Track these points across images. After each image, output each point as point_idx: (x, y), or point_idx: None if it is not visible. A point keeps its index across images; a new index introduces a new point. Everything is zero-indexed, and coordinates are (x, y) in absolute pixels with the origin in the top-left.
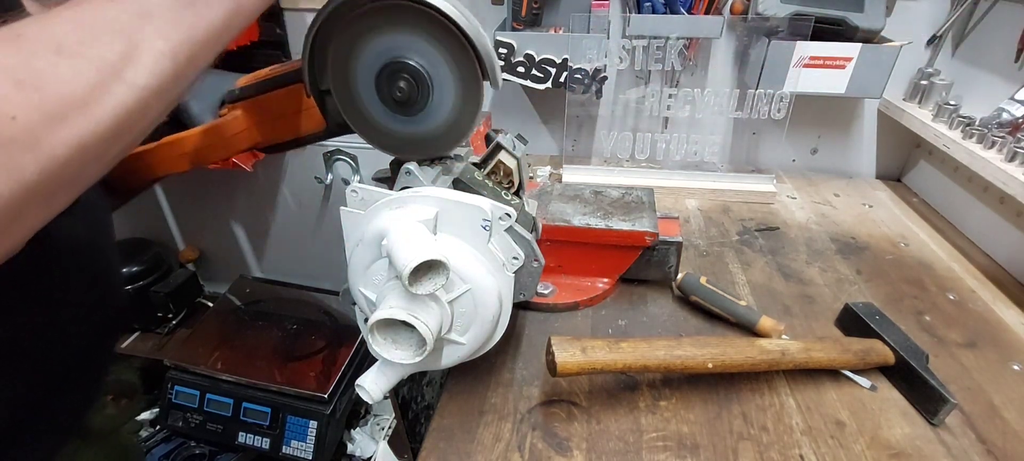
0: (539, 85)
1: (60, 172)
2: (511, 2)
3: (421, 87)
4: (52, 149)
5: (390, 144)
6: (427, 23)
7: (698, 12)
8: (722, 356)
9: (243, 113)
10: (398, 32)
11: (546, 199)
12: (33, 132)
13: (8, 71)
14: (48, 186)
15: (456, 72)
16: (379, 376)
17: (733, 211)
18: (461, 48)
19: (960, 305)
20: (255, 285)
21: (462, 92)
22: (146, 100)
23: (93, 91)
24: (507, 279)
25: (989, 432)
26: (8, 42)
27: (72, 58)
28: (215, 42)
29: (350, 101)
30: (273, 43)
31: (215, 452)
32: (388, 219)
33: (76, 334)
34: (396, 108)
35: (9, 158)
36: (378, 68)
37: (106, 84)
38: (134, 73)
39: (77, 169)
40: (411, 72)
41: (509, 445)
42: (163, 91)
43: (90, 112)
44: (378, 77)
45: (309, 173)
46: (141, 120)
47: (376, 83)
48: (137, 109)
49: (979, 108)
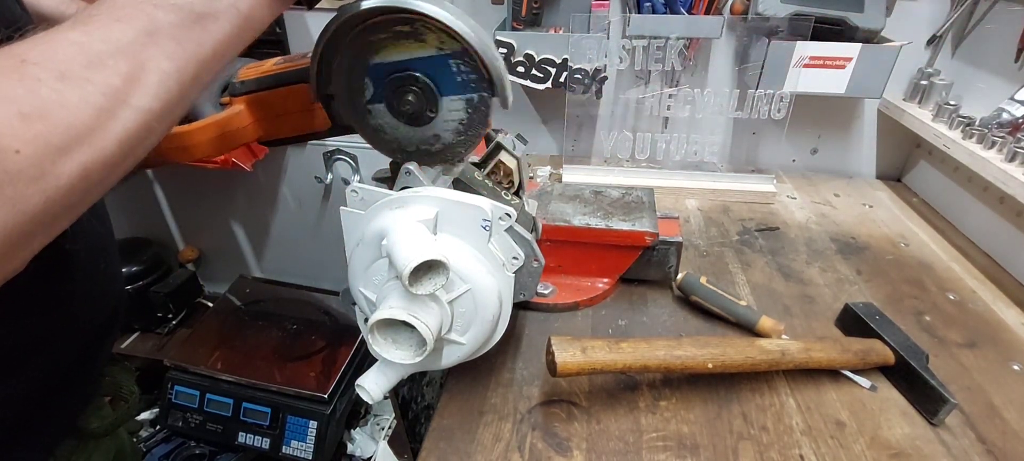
0: (539, 85)
1: (64, 200)
2: (511, 2)
3: (429, 99)
4: (57, 179)
5: (398, 151)
6: (438, 40)
7: (698, 12)
8: (722, 356)
9: (247, 108)
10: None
11: (546, 199)
12: (38, 164)
13: (13, 102)
14: (52, 214)
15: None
16: (379, 376)
17: (733, 211)
18: (470, 62)
19: (960, 305)
20: (255, 285)
21: (471, 108)
22: (150, 123)
23: (99, 117)
24: (507, 279)
25: (989, 432)
26: (12, 70)
27: (78, 84)
28: (221, 58)
29: (357, 110)
30: (273, 42)
31: (215, 452)
32: (388, 219)
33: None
34: (404, 119)
35: (14, 190)
36: (386, 80)
37: (112, 110)
38: (140, 97)
39: (81, 195)
40: (419, 85)
41: (509, 445)
42: (167, 112)
43: (95, 140)
44: (386, 88)
45: (309, 173)
46: (145, 141)
47: (384, 94)
48: (142, 132)
49: (979, 108)
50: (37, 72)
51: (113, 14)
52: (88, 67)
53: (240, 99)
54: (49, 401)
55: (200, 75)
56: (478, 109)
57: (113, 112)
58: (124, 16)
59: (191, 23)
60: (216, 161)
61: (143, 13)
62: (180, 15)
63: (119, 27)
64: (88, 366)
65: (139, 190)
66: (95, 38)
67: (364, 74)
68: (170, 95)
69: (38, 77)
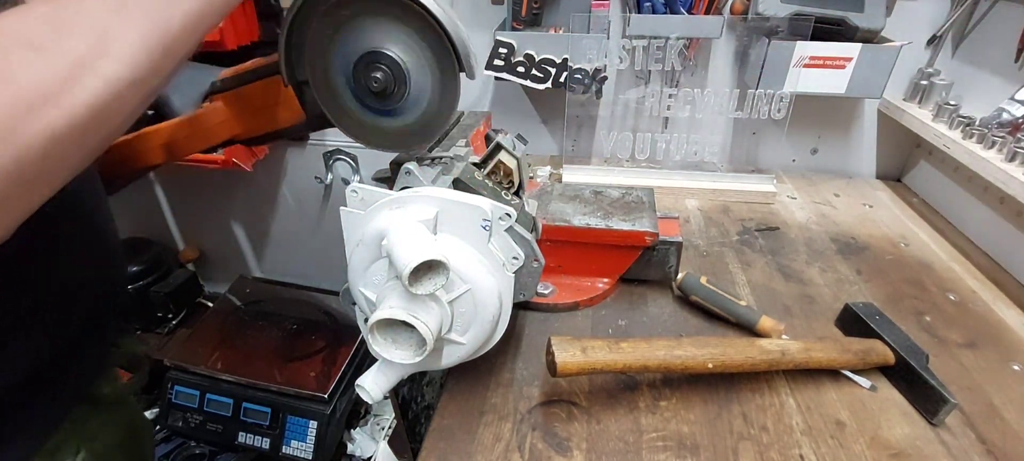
0: (539, 85)
1: (38, 162)
2: (511, 2)
3: (397, 78)
4: (27, 139)
5: (368, 136)
6: (402, 13)
7: (698, 12)
8: (722, 356)
9: (223, 104)
10: (374, 22)
11: (546, 199)
12: (7, 123)
13: None
14: (26, 174)
15: (433, 63)
16: (379, 376)
17: (733, 211)
18: (437, 39)
19: (960, 305)
20: (255, 285)
21: (439, 84)
22: (120, 91)
23: (65, 83)
24: (507, 279)
25: (989, 432)
26: None
27: (44, 52)
28: (192, 32)
29: (328, 92)
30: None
31: (215, 452)
32: (388, 219)
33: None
34: (373, 100)
35: None
36: (355, 58)
37: (77, 76)
38: (106, 65)
39: (57, 159)
40: (387, 63)
41: (509, 445)
42: (138, 82)
43: (62, 102)
44: (355, 68)
45: (309, 173)
46: (119, 111)
47: (353, 74)
48: (111, 100)
49: (979, 108)
50: (4, 42)
51: None
52: (55, 36)
53: (219, 97)
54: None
55: (171, 48)
56: (446, 83)
57: (80, 78)
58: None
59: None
60: (216, 161)
61: None
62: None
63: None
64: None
65: (139, 190)
66: (64, 11)
67: (333, 55)
68: (138, 64)
69: (5, 46)
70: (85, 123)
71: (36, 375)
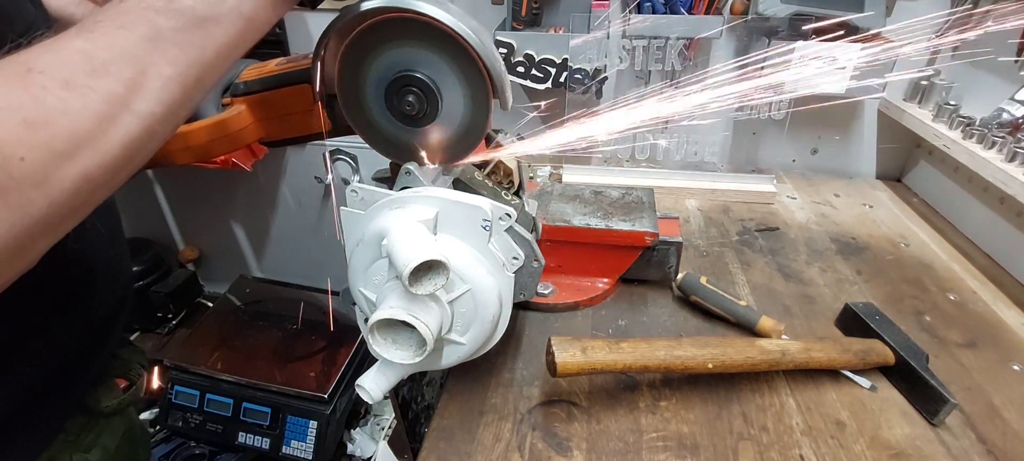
0: (539, 85)
1: (68, 203)
2: (511, 2)
3: (430, 100)
4: (60, 183)
5: (401, 153)
6: (438, 39)
7: (698, 12)
8: (722, 356)
9: (248, 109)
10: (408, 46)
11: (546, 199)
12: (42, 169)
13: (18, 110)
14: (56, 217)
15: (466, 87)
16: (379, 376)
17: (733, 211)
18: (471, 64)
19: (960, 305)
20: (255, 285)
21: (471, 108)
22: (152, 128)
23: (101, 124)
24: (507, 279)
25: (989, 432)
26: (18, 78)
27: (81, 92)
28: (225, 61)
29: (359, 112)
30: (273, 42)
31: (215, 452)
32: (388, 219)
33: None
34: (405, 120)
35: (19, 195)
36: (388, 81)
37: (114, 116)
38: (142, 102)
39: (85, 198)
40: (420, 85)
41: (509, 445)
42: (170, 116)
43: (98, 146)
44: (388, 89)
45: (309, 173)
46: (148, 145)
47: (386, 95)
48: (144, 136)
49: (979, 108)
50: (42, 80)
51: (117, 21)
52: (91, 75)
53: (242, 100)
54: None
55: (203, 78)
56: (478, 110)
57: (115, 118)
58: (127, 22)
59: (193, 28)
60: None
61: (145, 19)
62: (182, 20)
63: (122, 34)
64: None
65: (139, 190)
66: (99, 45)
67: (366, 75)
68: (173, 99)
69: (43, 85)
70: (118, 163)
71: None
